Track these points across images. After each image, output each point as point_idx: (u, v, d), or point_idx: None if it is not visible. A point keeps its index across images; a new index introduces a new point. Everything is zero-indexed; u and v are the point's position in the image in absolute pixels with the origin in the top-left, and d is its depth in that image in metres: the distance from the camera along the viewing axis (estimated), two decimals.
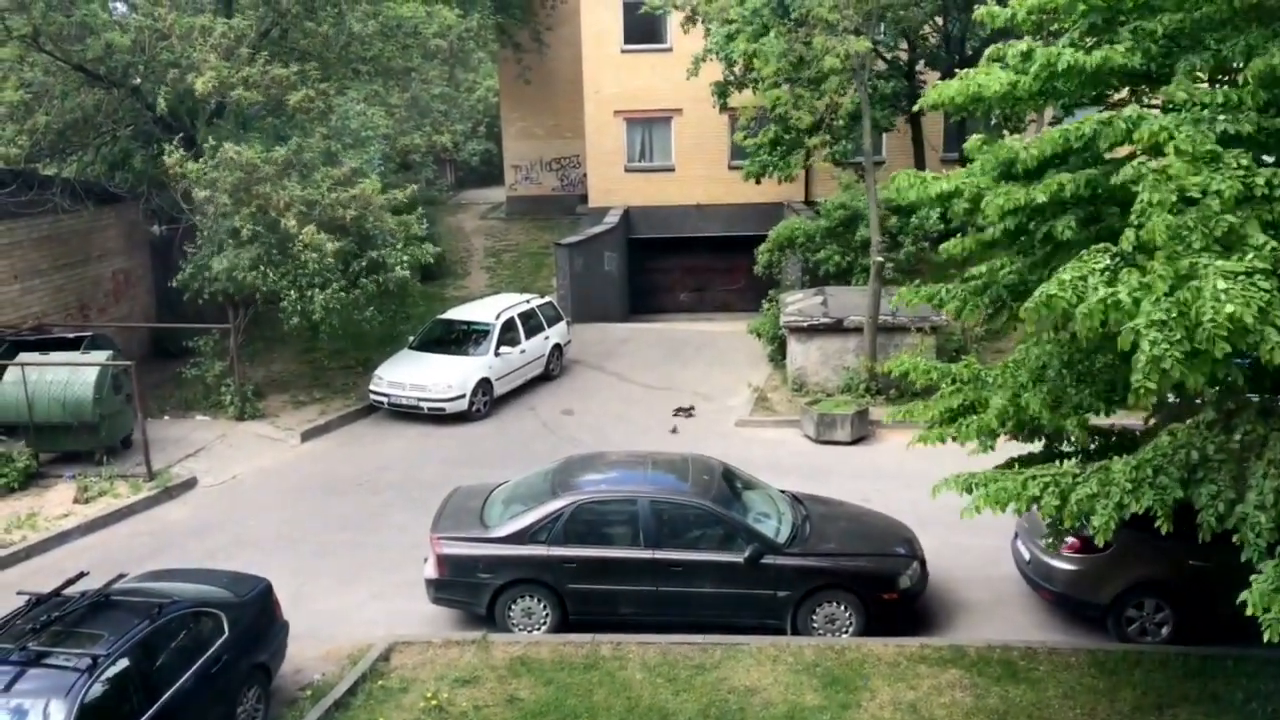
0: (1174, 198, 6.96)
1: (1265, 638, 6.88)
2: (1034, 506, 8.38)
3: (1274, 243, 6.81)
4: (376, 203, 18.84)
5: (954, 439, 9.69)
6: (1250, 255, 6.74)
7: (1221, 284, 6.48)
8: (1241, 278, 6.56)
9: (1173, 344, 6.45)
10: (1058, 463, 9.47)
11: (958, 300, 9.86)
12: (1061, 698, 10.65)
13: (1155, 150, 7.47)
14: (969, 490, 8.77)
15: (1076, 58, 8.24)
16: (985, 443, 9.58)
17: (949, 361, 11.06)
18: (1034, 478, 8.30)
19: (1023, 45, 8.61)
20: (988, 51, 9.22)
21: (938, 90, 9.28)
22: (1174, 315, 6.52)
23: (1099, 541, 7.95)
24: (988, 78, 8.70)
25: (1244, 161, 7.19)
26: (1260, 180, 7.08)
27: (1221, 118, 7.46)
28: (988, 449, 9.79)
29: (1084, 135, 8.07)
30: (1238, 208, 6.97)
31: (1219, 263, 6.67)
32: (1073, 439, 9.45)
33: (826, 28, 18.76)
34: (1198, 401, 8.90)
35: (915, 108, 10.16)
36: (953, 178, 9.20)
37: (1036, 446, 10.06)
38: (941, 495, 9.04)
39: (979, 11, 9.44)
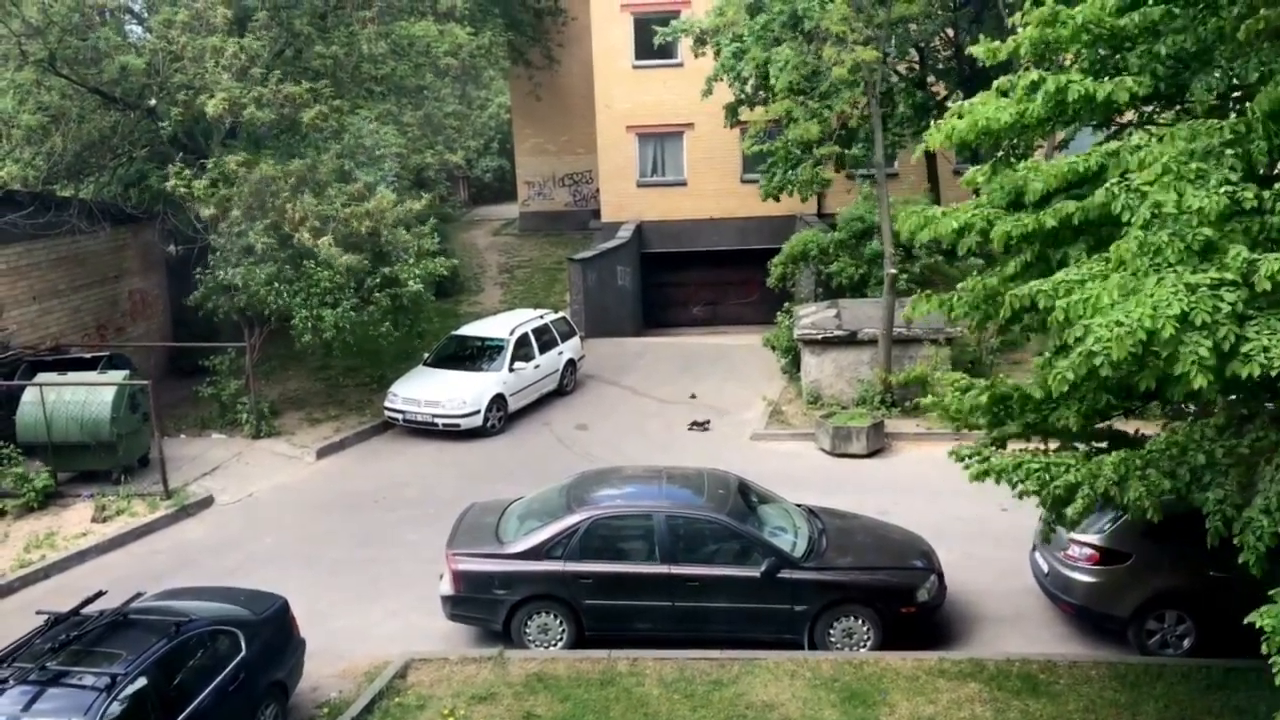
0: (1148, 214, 6.98)
1: (1263, 649, 7.00)
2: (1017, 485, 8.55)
3: (1247, 253, 6.79)
4: (391, 217, 18.92)
5: (954, 419, 9.69)
6: (1221, 267, 6.77)
7: (1168, 293, 6.54)
8: (1204, 289, 6.58)
9: (1116, 344, 6.51)
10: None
11: (966, 304, 9.83)
12: (1082, 712, 10.56)
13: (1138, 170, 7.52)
14: (961, 460, 8.92)
15: (1086, 87, 8.21)
16: (987, 427, 9.57)
17: (964, 374, 10.98)
18: (1024, 463, 8.50)
19: (1033, 75, 8.57)
20: (997, 84, 9.12)
21: (944, 128, 9.21)
22: (1130, 314, 6.59)
23: (1068, 528, 8.15)
24: (998, 110, 8.65)
25: (1232, 178, 7.18)
26: (1249, 194, 7.07)
27: (1229, 152, 7.42)
28: (997, 440, 9.77)
29: (1091, 168, 8.07)
30: (1223, 222, 6.97)
31: (1187, 275, 6.69)
32: (1075, 432, 9.41)
33: (837, 41, 18.80)
34: (1214, 409, 8.86)
35: (920, 150, 10.13)
36: (962, 211, 9.13)
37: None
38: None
39: (978, 48, 9.39)
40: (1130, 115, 9.45)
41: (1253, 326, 6.59)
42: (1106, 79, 8.37)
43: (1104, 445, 9.87)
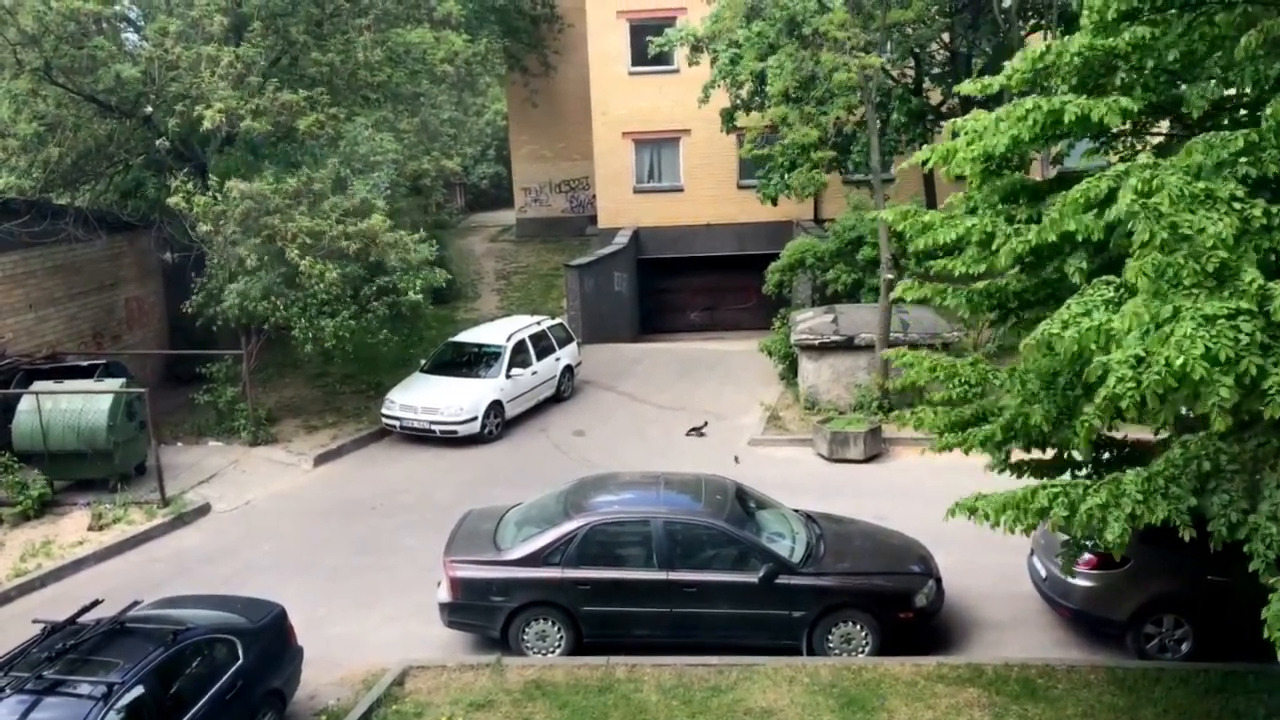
0: (1165, 234, 6.96)
1: (1265, 633, 6.90)
2: (1044, 520, 8.32)
3: (1261, 279, 6.78)
4: (384, 239, 18.84)
5: (960, 448, 9.62)
6: (1236, 294, 6.73)
7: (1190, 329, 6.49)
8: (1222, 320, 6.55)
9: (1140, 383, 6.46)
10: (1070, 474, 9.42)
11: (962, 300, 9.81)
12: (1081, 716, 10.55)
13: (1148, 194, 7.47)
14: (973, 512, 8.71)
15: (1080, 107, 8.19)
16: (993, 454, 9.51)
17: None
18: (1043, 488, 8.25)
19: (1026, 104, 8.54)
20: (995, 114, 9.06)
21: (939, 150, 9.16)
22: (1152, 353, 6.56)
23: (1116, 555, 7.88)
24: (995, 137, 8.62)
25: (1239, 194, 7.18)
26: (1258, 211, 7.07)
27: (1243, 160, 7.40)
28: (1000, 464, 9.73)
29: (1102, 192, 8.01)
30: (1235, 243, 6.95)
31: (1204, 304, 6.66)
32: (1078, 448, 9.38)
33: (835, 45, 18.83)
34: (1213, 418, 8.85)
35: (909, 163, 10.09)
36: (957, 219, 9.09)
37: (1046, 457, 9.96)
38: (954, 516, 8.96)
39: (965, 86, 9.35)
40: (1125, 125, 9.44)
41: (1270, 358, 6.55)
42: (1099, 98, 8.34)
43: (1103, 455, 9.89)
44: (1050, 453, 9.85)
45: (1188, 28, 8.40)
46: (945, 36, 25.33)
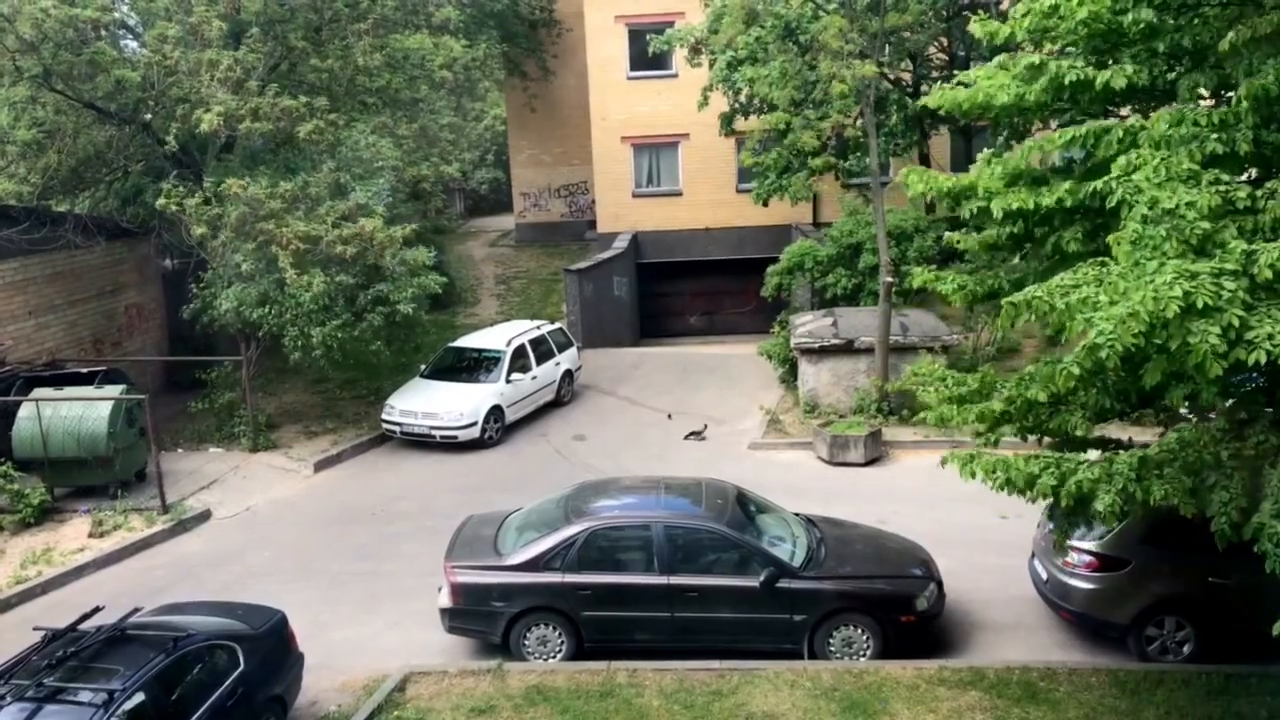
0: (1146, 210, 7.00)
1: None
2: (1041, 501, 8.38)
3: (1244, 244, 6.81)
4: (379, 239, 18.80)
5: (956, 421, 9.63)
6: (1220, 259, 6.79)
7: (1170, 278, 6.53)
8: (1205, 275, 6.60)
9: (1122, 330, 6.49)
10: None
11: (957, 283, 9.86)
12: (1083, 719, 10.54)
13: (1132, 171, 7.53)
14: (964, 465, 8.79)
15: (1085, 73, 8.26)
16: (984, 430, 9.53)
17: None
18: (1034, 457, 8.32)
19: (1034, 58, 8.63)
20: (997, 60, 9.23)
21: (943, 94, 9.29)
22: (1136, 308, 6.57)
23: (1107, 524, 7.92)
24: (997, 87, 8.72)
25: (1224, 177, 7.21)
26: (1241, 194, 7.11)
27: (1214, 136, 7.46)
28: (991, 442, 9.74)
29: (1084, 138, 8.09)
30: (1217, 219, 7.00)
31: (1186, 264, 6.71)
32: (1077, 435, 9.39)
33: (832, 53, 18.84)
34: (1210, 415, 8.86)
35: (920, 104, 10.23)
36: (964, 176, 9.26)
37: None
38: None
39: (976, 27, 9.48)
40: (1125, 111, 9.49)
41: (1254, 316, 6.60)
42: (1104, 68, 8.42)
43: (1101, 451, 9.89)
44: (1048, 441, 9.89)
45: (1187, 25, 8.44)
46: (943, 40, 25.36)
